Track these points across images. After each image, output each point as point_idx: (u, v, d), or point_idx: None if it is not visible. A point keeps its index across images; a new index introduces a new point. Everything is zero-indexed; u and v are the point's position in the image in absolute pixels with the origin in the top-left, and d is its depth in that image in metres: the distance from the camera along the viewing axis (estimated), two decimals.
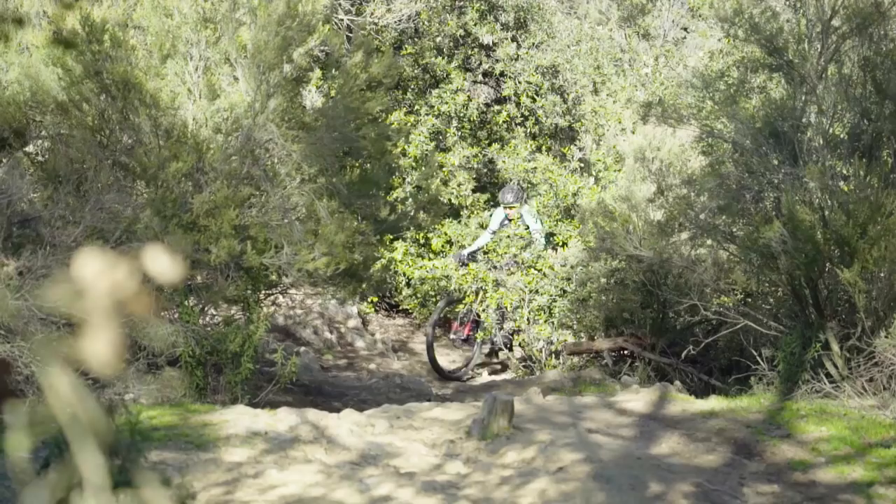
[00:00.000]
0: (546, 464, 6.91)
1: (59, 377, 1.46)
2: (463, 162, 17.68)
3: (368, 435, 7.74)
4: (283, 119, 9.92)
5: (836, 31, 9.59)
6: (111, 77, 9.37)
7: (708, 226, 10.40)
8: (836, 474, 6.87)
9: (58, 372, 1.47)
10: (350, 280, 10.51)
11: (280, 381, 9.45)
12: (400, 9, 18.12)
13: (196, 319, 9.24)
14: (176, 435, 7.12)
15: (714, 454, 7.32)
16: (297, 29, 9.99)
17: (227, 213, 9.16)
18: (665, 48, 18.67)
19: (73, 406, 1.45)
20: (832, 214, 9.01)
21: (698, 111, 10.93)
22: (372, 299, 16.98)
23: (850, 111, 9.54)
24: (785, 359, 9.29)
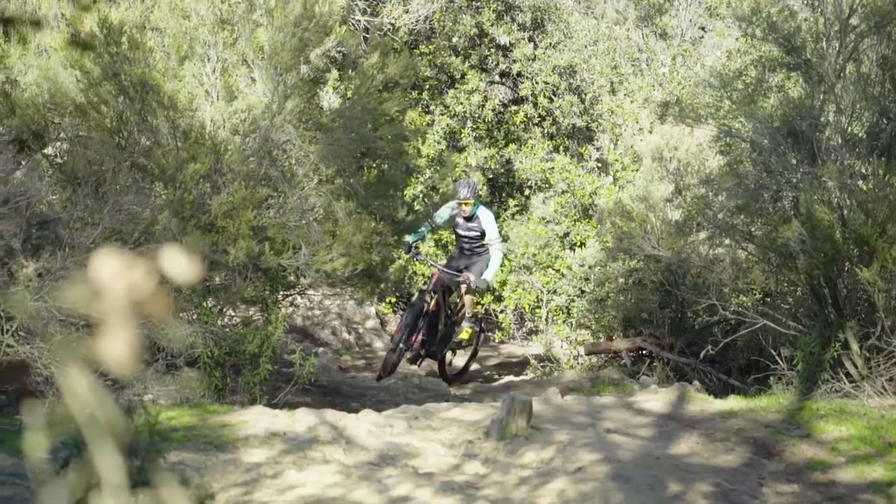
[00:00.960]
0: (565, 464, 6.91)
1: (77, 378, 1.46)
2: (480, 162, 17.68)
3: (387, 435, 7.74)
4: (301, 120, 9.93)
5: (855, 29, 9.56)
6: (129, 79, 9.39)
7: (726, 225, 10.37)
8: (855, 474, 6.85)
9: (76, 372, 1.47)
10: (368, 280, 10.52)
11: (298, 381, 9.45)
12: (416, 9, 18.13)
13: (214, 320, 9.26)
14: (195, 435, 7.13)
15: (733, 454, 7.30)
16: (314, 30, 10.00)
17: (244, 214, 9.18)
18: (682, 47, 18.63)
19: (91, 406, 1.46)
20: (851, 213, 8.98)
21: (716, 110, 10.91)
22: (390, 300, 16.98)
23: (869, 110, 9.51)
24: (804, 358, 9.26)
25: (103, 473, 1.44)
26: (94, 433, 1.44)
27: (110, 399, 1.46)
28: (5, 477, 5.99)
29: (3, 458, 6.28)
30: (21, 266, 7.55)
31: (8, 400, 8.06)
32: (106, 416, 1.45)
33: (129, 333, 1.39)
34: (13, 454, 6.26)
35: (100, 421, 1.44)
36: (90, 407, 1.45)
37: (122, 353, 1.38)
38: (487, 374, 15.12)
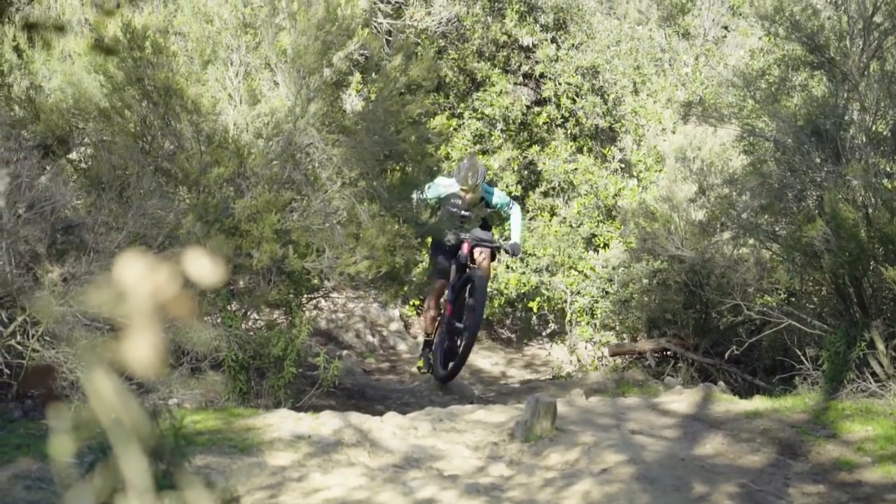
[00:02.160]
0: (589, 465, 6.90)
1: (102, 381, 1.47)
2: (503, 164, 17.67)
3: (411, 438, 7.76)
4: (324, 123, 9.95)
5: (878, 27, 9.53)
6: (153, 83, 9.42)
7: (750, 225, 10.34)
8: (882, 474, 6.83)
9: (101, 376, 1.48)
10: (391, 283, 10.51)
11: (323, 384, 9.47)
12: (439, 11, 18.14)
13: (239, 324, 9.28)
14: (220, 439, 7.15)
15: (759, 454, 7.29)
16: (337, 33, 10.02)
17: (268, 217, 9.20)
18: (705, 47, 18.59)
19: (116, 410, 1.46)
20: (876, 212, 8.95)
21: (739, 110, 10.90)
22: (414, 302, 16.99)
23: (893, 108, 9.47)
24: (829, 358, 9.24)
25: (128, 477, 1.45)
26: (119, 437, 1.45)
27: (135, 403, 1.47)
28: (32, 481, 6.01)
29: (30, 462, 6.31)
30: (46, 271, 7.58)
31: (34, 404, 8.11)
32: (131, 419, 1.46)
33: (154, 337, 1.39)
34: (39, 458, 6.29)
35: (125, 424, 1.45)
36: (115, 411, 1.45)
37: (146, 357, 1.39)
38: (511, 376, 15.11)
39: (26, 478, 6.07)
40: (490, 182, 15.12)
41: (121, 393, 1.47)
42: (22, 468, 6.23)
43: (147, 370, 1.42)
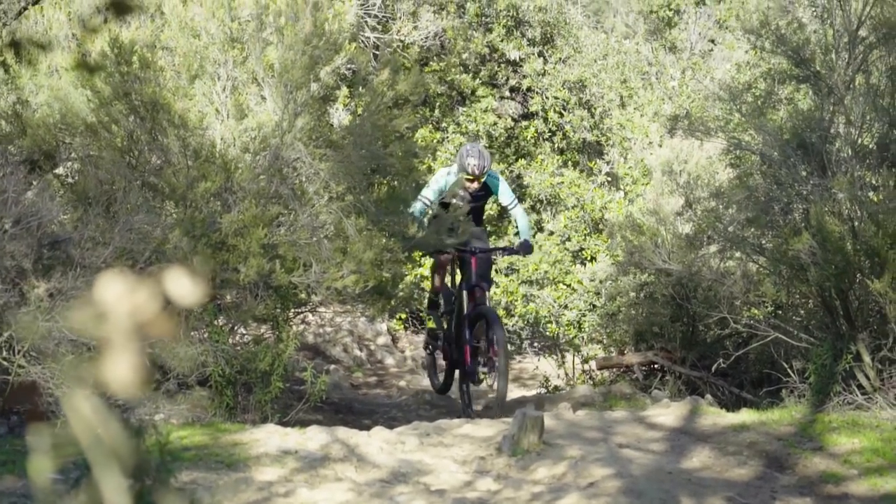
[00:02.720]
0: (577, 479, 6.91)
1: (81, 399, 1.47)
2: None
3: (399, 452, 7.75)
4: (311, 137, 9.95)
5: (863, 41, 9.57)
6: (140, 98, 9.42)
7: (737, 238, 10.37)
8: (868, 486, 6.84)
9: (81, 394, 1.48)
10: (378, 297, 10.51)
11: (310, 399, 9.45)
12: (426, 26, 18.17)
13: (226, 339, 9.27)
14: (206, 455, 7.14)
15: (745, 468, 7.30)
16: (324, 48, 10.03)
17: (255, 232, 9.20)
18: (692, 61, 18.67)
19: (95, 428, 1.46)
20: (862, 225, 8.97)
21: (725, 123, 10.93)
22: (401, 316, 16.99)
23: (879, 121, 9.50)
24: (816, 371, 9.25)
25: (107, 496, 1.45)
26: (98, 455, 1.45)
27: (115, 420, 1.47)
28: (17, 498, 6.00)
29: (14, 479, 6.30)
30: (32, 286, 7.57)
31: (20, 420, 8.09)
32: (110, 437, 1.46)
33: (133, 355, 1.40)
34: (24, 475, 6.28)
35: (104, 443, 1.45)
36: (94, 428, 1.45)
37: (126, 375, 1.39)
38: None
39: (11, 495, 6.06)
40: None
41: (100, 410, 1.48)
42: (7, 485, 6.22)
43: (127, 389, 1.42)
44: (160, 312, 1.42)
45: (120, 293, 1.43)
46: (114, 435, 1.47)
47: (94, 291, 1.43)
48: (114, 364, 1.41)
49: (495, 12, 18.78)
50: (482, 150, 11.65)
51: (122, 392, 1.43)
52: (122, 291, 1.43)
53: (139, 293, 1.43)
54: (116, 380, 1.41)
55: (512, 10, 18.77)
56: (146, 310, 1.42)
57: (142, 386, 1.41)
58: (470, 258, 11.62)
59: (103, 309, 1.43)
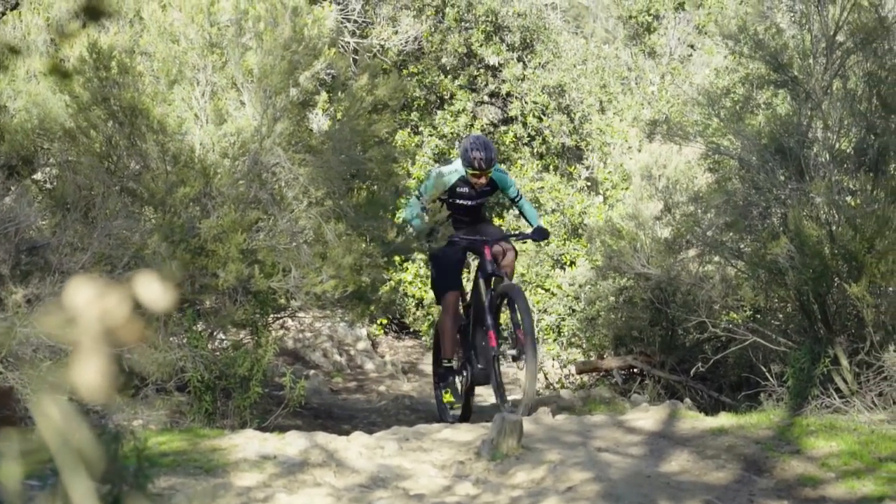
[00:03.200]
0: (555, 483, 6.92)
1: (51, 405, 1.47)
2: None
3: (378, 457, 7.75)
4: (290, 143, 9.95)
5: (841, 46, 9.61)
6: (118, 103, 9.41)
7: (715, 242, 10.40)
8: (846, 490, 6.87)
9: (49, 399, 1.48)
10: (358, 302, 10.49)
11: (289, 404, 9.44)
12: (406, 30, 18.19)
13: (205, 344, 9.26)
14: (185, 460, 7.13)
15: (724, 471, 7.32)
16: (303, 53, 10.03)
17: (234, 237, 9.19)
18: (671, 66, 18.72)
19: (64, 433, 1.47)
20: (839, 229, 9.01)
21: (704, 128, 10.96)
22: (381, 321, 16.98)
23: (856, 126, 9.55)
24: (794, 374, 9.29)
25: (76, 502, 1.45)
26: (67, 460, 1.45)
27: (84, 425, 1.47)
28: None
29: None
30: (10, 292, 7.55)
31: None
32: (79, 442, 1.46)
33: (103, 360, 1.40)
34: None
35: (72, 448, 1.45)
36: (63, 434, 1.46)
37: (95, 381, 1.39)
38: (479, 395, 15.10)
39: None
40: None
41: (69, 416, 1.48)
42: None
43: (96, 394, 1.43)
44: (130, 317, 1.43)
45: (89, 298, 1.44)
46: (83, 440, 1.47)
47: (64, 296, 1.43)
48: (82, 369, 1.42)
49: (474, 17, 18.79)
50: (487, 142, 10.89)
51: (91, 397, 1.43)
52: (91, 296, 1.44)
53: (109, 298, 1.43)
54: (85, 385, 1.41)
55: (491, 14, 18.79)
56: (116, 315, 1.42)
57: (111, 391, 1.42)
58: (482, 248, 10.76)
59: (73, 314, 1.43)
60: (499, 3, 18.80)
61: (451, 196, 10.96)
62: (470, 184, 10.87)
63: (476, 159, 10.58)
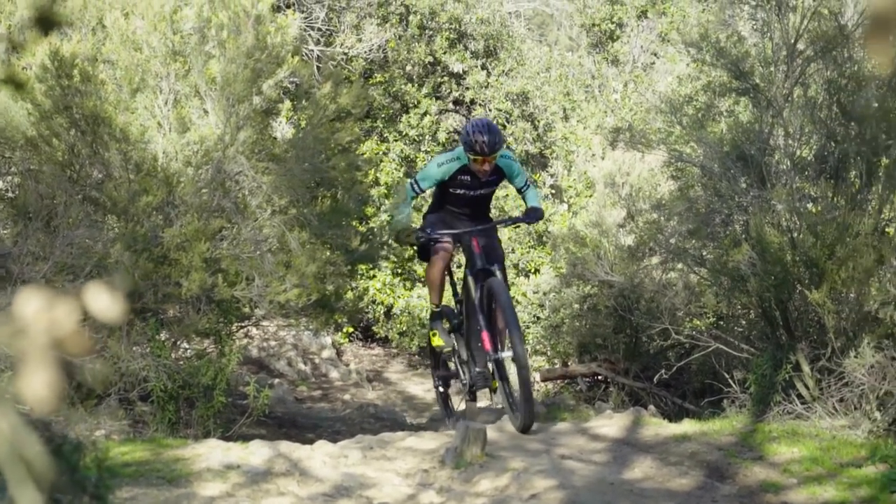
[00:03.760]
0: (519, 491, 6.92)
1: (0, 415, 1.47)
2: None
3: (342, 466, 7.74)
4: (253, 151, 9.94)
5: (801, 54, 9.67)
6: (81, 112, 9.37)
7: (678, 250, 10.44)
8: (807, 495, 6.90)
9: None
10: (322, 311, 10.50)
11: (253, 413, 9.43)
12: (370, 38, 18.20)
13: (168, 353, 9.23)
14: (147, 470, 7.10)
15: (687, 477, 7.34)
16: (267, 61, 10.02)
17: (197, 246, 9.16)
18: (634, 74, 18.81)
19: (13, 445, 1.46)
20: (800, 236, 9.06)
21: (667, 136, 11.00)
22: (346, 329, 16.99)
23: (817, 133, 9.61)
24: (756, 381, 9.33)
25: None
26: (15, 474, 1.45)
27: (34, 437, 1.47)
28: None
29: None
30: None
31: None
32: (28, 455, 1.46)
33: (50, 372, 1.40)
34: None
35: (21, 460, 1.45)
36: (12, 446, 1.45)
37: (41, 392, 1.39)
38: None
39: None
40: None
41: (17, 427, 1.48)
42: None
43: (43, 406, 1.42)
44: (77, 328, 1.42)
45: (37, 308, 1.43)
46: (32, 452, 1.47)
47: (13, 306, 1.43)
48: (29, 380, 1.41)
49: (438, 25, 18.82)
50: (491, 124, 9.67)
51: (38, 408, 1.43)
52: (39, 307, 1.44)
53: (57, 308, 1.43)
54: (32, 396, 1.41)
55: (454, 22, 18.83)
56: (63, 325, 1.42)
57: (58, 402, 1.41)
58: (470, 240, 9.69)
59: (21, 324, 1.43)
60: (462, 11, 18.84)
61: (450, 185, 9.83)
62: (472, 173, 9.70)
63: (479, 143, 9.36)
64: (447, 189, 9.86)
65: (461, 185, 9.80)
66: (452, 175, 9.71)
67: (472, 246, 9.65)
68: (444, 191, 9.93)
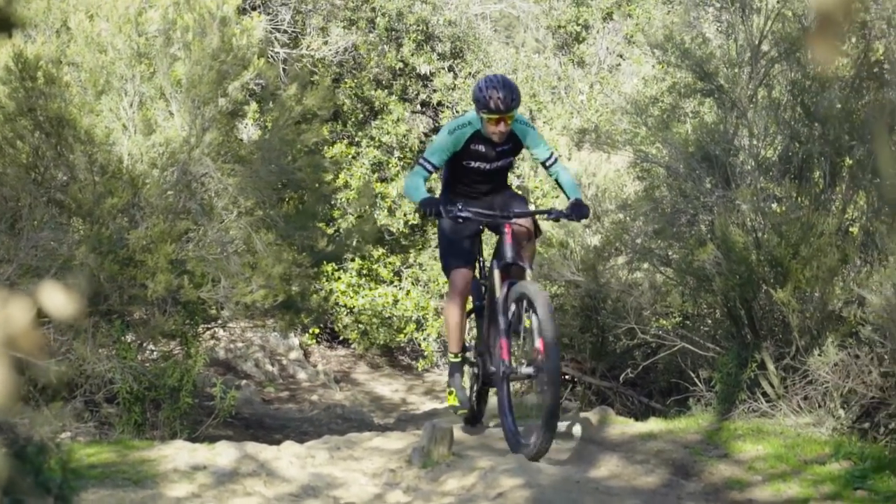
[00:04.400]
0: (486, 490, 6.94)
1: None
2: (401, 191, 17.77)
3: (309, 466, 7.74)
4: (219, 153, 9.94)
5: (765, 55, 9.74)
6: (45, 114, 9.34)
7: (644, 250, 10.48)
8: (772, 492, 6.95)
9: None
10: (288, 311, 10.51)
11: (220, 414, 9.42)
12: (336, 41, 18.18)
13: (134, 355, 9.21)
14: (114, 472, 7.08)
15: (652, 475, 7.38)
16: (232, 63, 10.03)
17: (163, 247, 9.15)
18: (600, 75, 18.87)
19: None
20: (765, 236, 9.12)
21: (632, 137, 11.04)
22: (313, 331, 16.98)
23: (781, 134, 9.67)
24: (722, 379, 9.38)
25: None
26: None
27: None
28: None
29: None
30: None
31: None
32: None
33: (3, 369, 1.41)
34: None
35: None
36: None
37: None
38: (412, 403, 15.14)
39: None
40: None
41: None
42: None
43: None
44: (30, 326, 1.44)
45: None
46: None
47: None
48: None
49: (405, 27, 18.84)
50: (507, 80, 8.28)
51: None
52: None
53: (10, 307, 1.44)
54: None
55: (422, 24, 18.85)
56: (16, 323, 1.43)
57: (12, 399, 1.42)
58: (504, 226, 8.27)
59: None
60: (430, 13, 18.86)
61: (463, 158, 8.43)
62: (487, 141, 8.32)
63: (493, 98, 7.99)
64: (460, 163, 8.44)
65: (476, 157, 8.40)
66: (465, 145, 8.31)
67: (504, 234, 8.24)
68: (455, 167, 8.52)
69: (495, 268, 8.25)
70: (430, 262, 17.59)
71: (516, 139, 8.39)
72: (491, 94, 7.97)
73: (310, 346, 17.06)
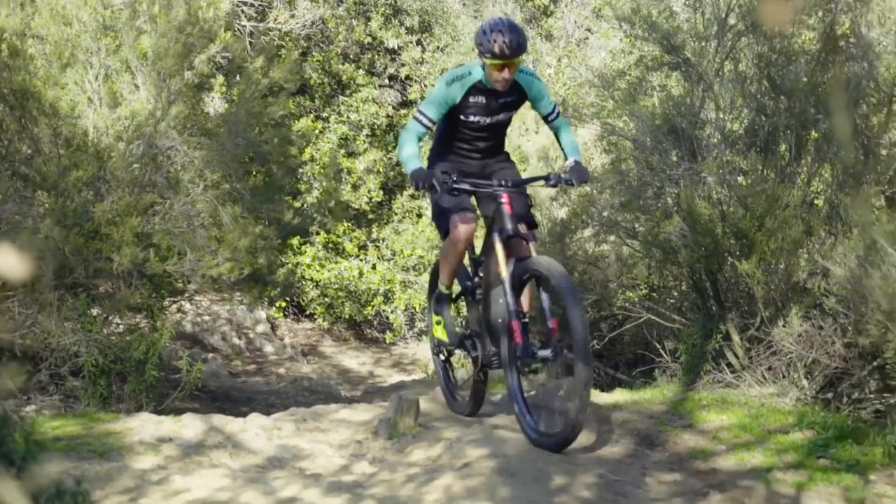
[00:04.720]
0: (452, 460, 6.97)
1: None
2: (370, 166, 17.75)
3: (275, 438, 7.75)
4: (185, 126, 9.90)
5: (732, 28, 9.76)
6: (9, 87, 9.28)
7: (610, 222, 10.52)
8: (736, 461, 7.00)
9: None
10: (255, 284, 10.51)
11: (185, 387, 9.41)
12: (303, 14, 18.11)
13: (99, 328, 9.18)
14: (78, 444, 7.08)
15: (618, 445, 7.42)
16: (198, 35, 9.98)
17: (129, 221, 9.12)
18: (568, 49, 18.86)
19: None
20: (730, 208, 9.16)
21: (600, 110, 11.06)
22: (280, 304, 16.97)
23: (747, 107, 9.70)
24: (687, 350, 9.43)
25: None
26: None
27: None
28: None
29: None
30: None
31: None
32: None
33: None
34: None
35: None
36: None
37: None
38: (379, 375, 15.16)
39: None
40: None
41: None
42: None
43: None
44: None
45: None
46: None
47: None
48: None
49: (374, 1, 18.79)
50: (513, 23, 7.56)
51: None
52: None
53: None
54: None
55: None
56: None
57: None
58: (501, 195, 7.60)
59: None
60: None
61: (461, 111, 7.73)
62: (489, 92, 7.63)
63: (498, 42, 7.29)
64: (458, 117, 7.76)
65: (475, 110, 7.70)
66: (464, 97, 7.61)
67: (502, 204, 7.58)
68: (452, 121, 7.86)
69: (497, 240, 7.59)
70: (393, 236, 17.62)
71: (521, 90, 7.76)
72: (496, 38, 7.29)
73: (277, 319, 17.06)
